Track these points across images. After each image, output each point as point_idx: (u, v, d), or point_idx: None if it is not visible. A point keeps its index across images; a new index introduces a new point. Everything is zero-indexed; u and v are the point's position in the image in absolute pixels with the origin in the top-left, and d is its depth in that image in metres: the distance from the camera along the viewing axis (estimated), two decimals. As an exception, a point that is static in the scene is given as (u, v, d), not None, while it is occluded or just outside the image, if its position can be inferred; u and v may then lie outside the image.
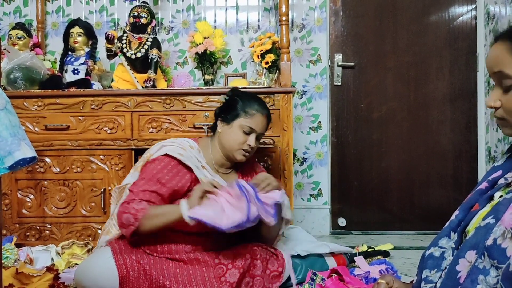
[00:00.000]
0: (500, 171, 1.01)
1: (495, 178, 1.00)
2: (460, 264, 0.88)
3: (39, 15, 2.75)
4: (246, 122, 1.63)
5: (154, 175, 1.53)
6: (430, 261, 0.99)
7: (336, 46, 2.86)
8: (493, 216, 0.88)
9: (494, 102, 0.95)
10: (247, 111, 1.64)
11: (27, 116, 2.22)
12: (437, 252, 0.99)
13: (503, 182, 0.97)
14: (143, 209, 1.44)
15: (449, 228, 1.01)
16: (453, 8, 2.83)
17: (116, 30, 2.81)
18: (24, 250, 1.94)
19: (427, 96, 2.84)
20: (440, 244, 1.00)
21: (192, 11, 2.85)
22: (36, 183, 2.23)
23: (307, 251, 1.83)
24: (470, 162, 2.81)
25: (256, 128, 1.64)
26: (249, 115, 1.63)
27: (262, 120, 1.66)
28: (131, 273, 1.44)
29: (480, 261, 0.84)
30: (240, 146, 1.63)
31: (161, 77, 2.50)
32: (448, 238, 0.99)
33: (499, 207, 0.88)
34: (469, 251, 0.88)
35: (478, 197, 1.00)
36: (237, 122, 1.64)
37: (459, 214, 1.01)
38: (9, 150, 0.97)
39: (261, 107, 1.67)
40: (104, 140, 2.21)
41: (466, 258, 0.88)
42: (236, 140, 1.63)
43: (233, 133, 1.63)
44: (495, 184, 0.99)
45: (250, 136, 1.64)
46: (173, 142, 1.64)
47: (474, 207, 0.98)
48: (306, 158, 2.83)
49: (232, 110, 1.66)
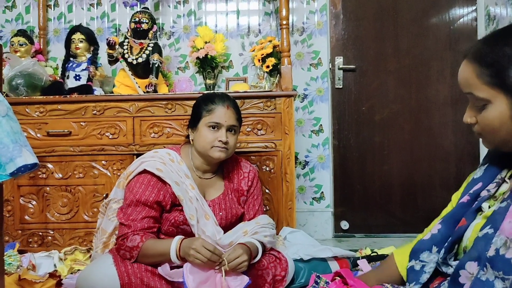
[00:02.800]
0: (480, 183, 1.01)
1: (476, 190, 1.00)
2: (462, 276, 0.87)
3: (41, 22, 2.76)
4: (209, 118, 1.60)
5: (138, 199, 1.53)
6: (411, 274, 0.99)
7: (337, 49, 2.86)
8: (490, 226, 0.86)
9: (470, 119, 0.96)
10: (207, 108, 1.61)
11: (29, 122, 2.23)
12: (417, 265, 0.99)
13: (486, 194, 0.97)
14: (136, 247, 1.46)
15: (431, 242, 1.00)
16: (454, 10, 2.83)
17: (118, 36, 2.82)
18: (26, 257, 1.94)
19: (429, 98, 2.84)
20: (421, 258, 0.99)
21: (193, 16, 2.86)
22: (39, 189, 2.23)
23: (310, 255, 1.83)
24: (473, 164, 2.80)
25: (221, 121, 1.60)
26: (210, 111, 1.60)
27: (225, 112, 1.61)
28: (133, 280, 1.44)
29: (483, 272, 0.82)
30: (212, 144, 1.59)
31: (162, 82, 2.51)
32: (429, 252, 0.99)
33: (495, 216, 0.87)
34: (469, 262, 0.87)
35: (462, 210, 0.99)
36: (201, 123, 1.62)
37: (442, 228, 1.00)
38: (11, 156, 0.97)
39: (220, 99, 1.63)
40: (106, 145, 2.22)
41: (466, 269, 0.87)
42: (205, 139, 1.60)
43: (202, 134, 1.61)
44: (477, 196, 0.99)
45: (219, 131, 1.60)
46: (153, 157, 1.62)
47: (460, 222, 0.97)
48: (308, 162, 2.83)
49: (195, 115, 1.65)
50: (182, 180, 1.59)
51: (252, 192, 1.73)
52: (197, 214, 1.56)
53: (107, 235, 1.63)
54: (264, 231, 1.61)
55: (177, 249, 1.43)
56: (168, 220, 1.57)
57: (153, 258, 1.46)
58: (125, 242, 1.48)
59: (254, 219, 1.69)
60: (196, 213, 1.56)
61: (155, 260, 1.47)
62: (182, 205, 1.55)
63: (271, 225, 1.69)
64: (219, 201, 1.66)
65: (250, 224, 1.63)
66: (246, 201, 1.72)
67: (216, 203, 1.65)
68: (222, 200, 1.67)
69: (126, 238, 1.48)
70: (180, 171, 1.61)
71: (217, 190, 1.69)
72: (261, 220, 1.67)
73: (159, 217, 1.56)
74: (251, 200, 1.73)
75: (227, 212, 1.65)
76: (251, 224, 1.64)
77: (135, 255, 1.47)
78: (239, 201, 1.70)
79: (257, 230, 1.59)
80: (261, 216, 1.71)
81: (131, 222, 1.50)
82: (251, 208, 1.72)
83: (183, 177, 1.60)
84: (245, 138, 2.18)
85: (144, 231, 1.50)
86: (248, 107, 2.19)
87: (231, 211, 1.66)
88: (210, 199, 1.66)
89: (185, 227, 1.57)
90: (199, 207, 1.58)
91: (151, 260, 1.47)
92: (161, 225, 1.59)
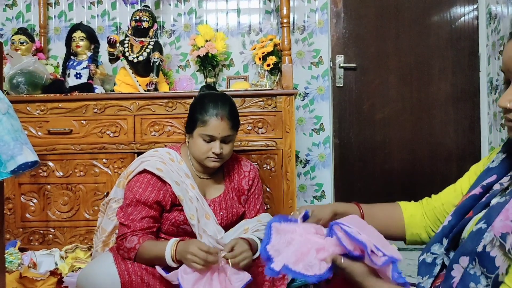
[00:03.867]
0: (494, 176, 0.97)
1: (489, 183, 0.97)
2: (455, 270, 0.87)
3: (42, 20, 2.76)
4: (203, 130, 1.54)
5: (138, 198, 1.52)
6: (423, 267, 0.97)
7: (338, 48, 2.86)
8: (485, 221, 0.85)
9: (509, 103, 0.86)
10: (201, 118, 1.54)
11: (30, 120, 2.23)
12: (429, 258, 0.98)
13: (499, 188, 0.94)
14: (133, 248, 1.46)
15: (441, 234, 0.98)
16: (455, 9, 2.83)
17: (118, 34, 2.82)
18: (27, 255, 1.94)
19: (430, 97, 2.83)
20: (432, 250, 0.98)
21: (194, 14, 2.85)
22: (39, 187, 2.23)
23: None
24: (474, 162, 2.74)
25: (215, 134, 1.54)
26: (204, 123, 1.54)
27: (219, 124, 1.53)
28: (133, 278, 1.44)
29: (471, 266, 0.82)
30: (206, 155, 1.56)
31: (163, 81, 2.51)
32: (440, 244, 0.98)
33: (491, 212, 0.86)
34: (462, 256, 0.86)
35: (473, 203, 0.97)
36: (196, 132, 1.56)
37: (452, 220, 0.98)
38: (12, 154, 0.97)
39: (215, 109, 1.54)
40: (106, 143, 2.22)
41: (460, 263, 0.86)
42: (199, 150, 1.56)
43: (196, 143, 1.57)
44: (489, 189, 0.96)
45: (213, 143, 1.55)
46: (153, 156, 1.61)
47: (468, 214, 0.95)
48: (309, 160, 2.83)
49: (191, 120, 1.60)
50: (182, 179, 1.59)
51: (253, 191, 1.72)
52: (198, 213, 1.56)
53: (106, 234, 1.63)
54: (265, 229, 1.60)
55: (172, 252, 1.42)
56: (168, 220, 1.57)
57: (150, 260, 1.47)
58: (124, 243, 1.48)
59: (256, 217, 1.68)
60: (197, 212, 1.55)
61: (153, 263, 1.47)
62: (182, 205, 1.54)
63: None
64: (219, 200, 1.66)
65: (252, 222, 1.63)
66: (247, 200, 1.71)
67: (216, 202, 1.65)
68: (222, 200, 1.66)
69: (125, 238, 1.48)
70: (180, 171, 1.61)
71: (218, 190, 1.68)
72: (262, 218, 1.66)
73: (159, 216, 1.56)
74: (252, 199, 1.72)
75: (227, 211, 1.65)
76: (252, 221, 1.64)
77: (132, 256, 1.47)
78: (239, 200, 1.70)
79: (258, 228, 1.59)
80: (263, 214, 1.71)
81: (131, 222, 1.50)
82: (252, 207, 1.71)
83: (183, 176, 1.60)
84: (245, 136, 2.18)
85: (143, 231, 1.50)
86: (249, 106, 2.18)
87: (231, 211, 1.66)
88: (211, 198, 1.65)
89: (185, 227, 1.57)
90: (200, 207, 1.57)
91: (148, 262, 1.48)
92: (161, 224, 1.58)
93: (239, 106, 2.18)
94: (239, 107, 2.17)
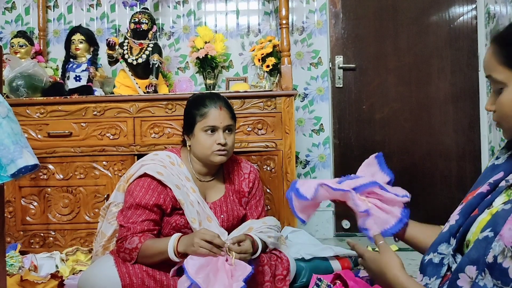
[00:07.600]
0: (501, 173, 0.96)
1: (496, 180, 0.96)
2: (461, 279, 0.85)
3: (41, 23, 2.76)
4: (204, 123, 1.56)
5: (138, 202, 1.52)
6: (430, 268, 0.95)
7: (337, 48, 2.86)
8: (491, 229, 0.83)
9: (490, 106, 0.93)
10: (200, 112, 1.57)
11: (30, 123, 2.23)
12: (436, 258, 0.95)
13: (504, 185, 0.93)
14: (135, 248, 1.46)
15: (448, 234, 0.96)
16: (453, 8, 2.83)
17: (117, 37, 2.82)
18: (28, 257, 1.94)
19: (429, 96, 2.83)
20: (440, 250, 0.96)
21: (193, 16, 2.86)
22: (40, 190, 2.23)
23: (311, 254, 1.83)
24: (474, 162, 2.80)
25: (217, 123, 1.56)
26: (204, 115, 1.56)
27: (219, 113, 1.57)
28: (134, 280, 1.44)
29: (481, 277, 0.81)
30: (211, 149, 1.57)
31: (162, 82, 2.51)
32: (448, 244, 0.95)
33: (497, 219, 0.84)
34: (468, 266, 0.84)
35: (479, 201, 0.95)
36: (197, 128, 1.58)
37: (459, 219, 0.96)
38: (12, 158, 0.97)
39: (211, 101, 1.59)
40: (106, 146, 2.22)
41: (466, 273, 0.84)
42: (204, 145, 1.57)
43: (199, 140, 1.58)
44: (497, 186, 0.95)
45: (216, 134, 1.57)
46: (154, 160, 1.60)
47: (474, 212, 0.94)
48: (309, 161, 2.83)
49: (189, 121, 1.61)
50: (183, 183, 1.58)
51: (253, 194, 1.72)
52: (199, 217, 1.55)
53: (106, 238, 1.63)
54: (269, 231, 1.60)
55: (175, 246, 1.42)
56: (169, 224, 1.57)
57: (152, 257, 1.46)
58: (124, 244, 1.48)
59: (261, 219, 1.68)
60: (198, 216, 1.55)
61: (155, 260, 1.46)
62: (183, 208, 1.54)
63: (277, 227, 1.67)
64: (220, 203, 1.65)
65: (257, 223, 1.63)
66: (248, 202, 1.71)
67: (217, 205, 1.65)
68: (223, 202, 1.66)
69: (125, 240, 1.48)
70: (181, 174, 1.60)
71: (218, 192, 1.68)
72: (268, 221, 1.66)
73: (159, 220, 1.55)
74: (253, 201, 1.72)
75: (228, 214, 1.65)
76: (258, 222, 1.63)
77: (134, 256, 1.46)
78: (240, 202, 1.70)
79: (263, 230, 1.58)
80: (268, 217, 1.70)
81: (131, 225, 1.49)
82: (253, 209, 1.71)
83: (184, 180, 1.59)
84: (245, 137, 2.18)
85: (143, 233, 1.50)
86: (249, 107, 2.19)
87: (232, 213, 1.66)
88: (211, 201, 1.65)
89: (186, 231, 1.56)
90: (201, 210, 1.57)
91: (150, 260, 1.47)
92: (162, 228, 1.58)
93: (239, 107, 2.19)
94: (238, 108, 2.18)
